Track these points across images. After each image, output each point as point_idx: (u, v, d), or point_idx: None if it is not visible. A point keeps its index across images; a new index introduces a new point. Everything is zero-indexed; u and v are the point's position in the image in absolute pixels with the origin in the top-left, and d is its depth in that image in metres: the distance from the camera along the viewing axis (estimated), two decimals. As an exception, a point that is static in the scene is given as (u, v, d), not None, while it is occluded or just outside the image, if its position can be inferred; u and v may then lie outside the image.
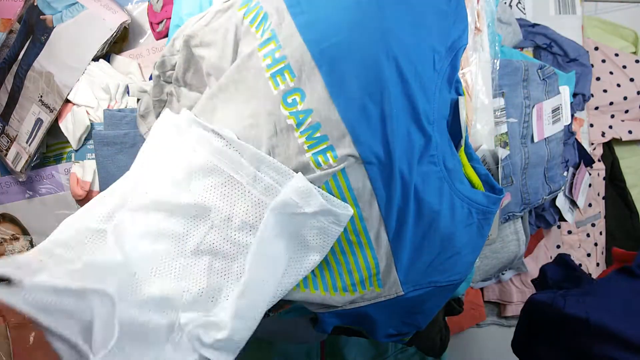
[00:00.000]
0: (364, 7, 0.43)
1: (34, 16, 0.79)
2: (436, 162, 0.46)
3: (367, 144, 0.44)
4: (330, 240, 0.46)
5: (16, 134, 0.80)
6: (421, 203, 0.46)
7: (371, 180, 0.46)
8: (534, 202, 0.73)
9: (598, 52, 0.94)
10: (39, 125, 0.78)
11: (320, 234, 0.46)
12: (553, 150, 0.74)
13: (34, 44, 0.79)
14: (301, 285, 0.50)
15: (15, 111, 0.81)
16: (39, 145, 0.78)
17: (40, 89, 0.78)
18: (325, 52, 0.44)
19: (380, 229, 0.47)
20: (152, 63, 0.77)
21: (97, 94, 0.73)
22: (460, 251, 0.49)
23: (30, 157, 0.78)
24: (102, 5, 0.76)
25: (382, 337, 0.56)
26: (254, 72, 0.48)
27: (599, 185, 0.96)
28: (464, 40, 0.47)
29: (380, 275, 0.49)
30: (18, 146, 0.80)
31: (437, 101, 0.45)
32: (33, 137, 0.78)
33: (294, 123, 0.45)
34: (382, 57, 0.43)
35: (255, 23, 0.49)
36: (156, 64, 0.60)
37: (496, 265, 0.76)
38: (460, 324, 0.96)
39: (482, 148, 0.62)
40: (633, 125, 0.96)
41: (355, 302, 0.50)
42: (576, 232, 0.96)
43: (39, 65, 0.78)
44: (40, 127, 0.77)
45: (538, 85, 0.71)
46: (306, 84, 0.45)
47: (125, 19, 0.75)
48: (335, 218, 0.45)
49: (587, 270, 0.96)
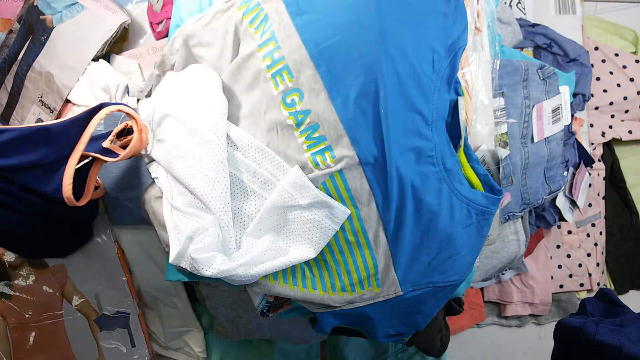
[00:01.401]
0: (362, 7, 0.43)
1: (33, 16, 0.79)
2: (435, 162, 0.46)
3: (365, 144, 0.44)
4: (325, 236, 0.47)
5: (17, 134, 0.81)
6: (420, 203, 0.46)
7: (369, 181, 0.46)
8: (534, 202, 0.73)
9: (598, 52, 0.94)
10: None
11: (314, 229, 0.46)
12: (553, 150, 0.74)
13: (34, 44, 0.79)
14: (300, 285, 0.50)
15: (16, 111, 0.82)
16: None
17: (41, 89, 0.78)
18: (323, 52, 0.44)
19: (379, 229, 0.47)
20: (152, 63, 0.77)
21: (97, 93, 0.74)
22: (459, 252, 0.49)
23: None
24: (102, 5, 0.76)
25: (381, 338, 0.56)
26: (253, 72, 0.48)
27: (599, 185, 0.96)
28: (463, 41, 0.47)
29: (378, 275, 0.49)
30: (18, 146, 0.80)
31: (435, 102, 0.45)
32: None
33: (293, 123, 0.46)
34: (380, 57, 0.43)
35: (255, 24, 0.49)
36: (156, 63, 0.60)
37: (496, 265, 0.76)
38: (460, 324, 0.96)
39: (482, 148, 0.62)
40: (633, 125, 0.96)
41: (354, 302, 0.50)
42: (576, 232, 0.96)
43: (39, 65, 0.78)
44: None
45: (538, 85, 0.71)
46: (304, 84, 0.45)
47: (125, 19, 0.75)
48: (330, 212, 0.46)
49: (587, 270, 0.96)
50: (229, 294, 0.71)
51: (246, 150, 0.47)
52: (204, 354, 0.83)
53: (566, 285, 0.97)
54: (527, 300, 0.94)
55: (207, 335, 0.84)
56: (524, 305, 0.95)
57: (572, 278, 0.97)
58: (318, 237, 0.47)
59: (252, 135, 0.47)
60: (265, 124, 0.47)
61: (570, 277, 0.97)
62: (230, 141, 0.47)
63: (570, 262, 0.96)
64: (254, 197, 0.47)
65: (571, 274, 0.97)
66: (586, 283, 0.97)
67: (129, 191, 0.72)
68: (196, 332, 0.83)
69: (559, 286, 0.97)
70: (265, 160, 0.47)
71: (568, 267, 0.96)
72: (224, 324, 0.74)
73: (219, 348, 0.84)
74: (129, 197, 0.72)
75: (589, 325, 0.54)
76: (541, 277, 0.94)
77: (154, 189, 0.54)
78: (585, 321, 0.55)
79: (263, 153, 0.47)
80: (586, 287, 0.97)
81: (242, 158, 0.47)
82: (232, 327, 0.74)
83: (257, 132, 0.47)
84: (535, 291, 0.94)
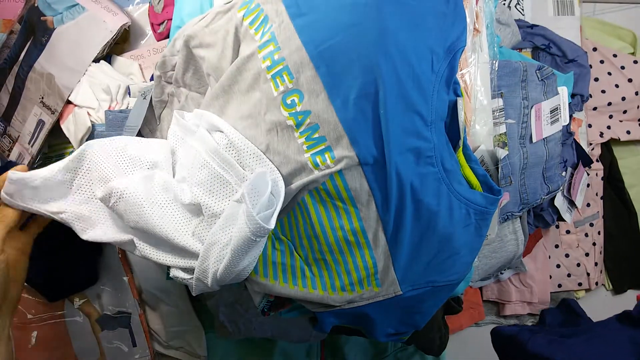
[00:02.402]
0: (362, 8, 0.43)
1: (34, 17, 0.79)
2: (434, 163, 0.46)
3: (364, 145, 0.45)
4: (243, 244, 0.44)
5: (18, 134, 0.81)
6: (419, 204, 0.46)
7: (368, 181, 0.46)
8: (533, 202, 0.73)
9: (596, 52, 0.94)
10: (41, 127, 0.78)
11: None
12: (551, 151, 0.74)
13: (35, 45, 0.79)
14: (300, 285, 0.50)
15: (17, 112, 0.82)
16: (41, 146, 0.78)
17: (42, 90, 0.78)
18: (323, 53, 0.44)
19: (378, 229, 0.48)
20: (153, 64, 0.78)
21: (98, 95, 0.74)
22: (458, 251, 0.49)
23: (33, 158, 0.78)
24: (102, 7, 0.76)
25: (380, 337, 0.56)
26: (253, 73, 0.48)
27: (597, 185, 0.96)
28: (462, 42, 0.47)
29: (378, 275, 0.49)
30: (20, 147, 0.80)
31: (434, 102, 0.45)
32: (35, 139, 0.78)
33: (293, 124, 0.46)
34: (380, 58, 0.43)
35: (255, 25, 0.49)
36: (157, 64, 0.60)
37: (495, 265, 0.77)
38: (459, 323, 0.96)
39: (481, 149, 0.62)
40: (631, 126, 0.96)
41: (354, 302, 0.51)
42: (574, 231, 0.97)
43: (39, 66, 0.78)
44: (42, 129, 0.78)
45: (537, 85, 0.71)
46: (304, 85, 0.45)
47: (125, 21, 0.75)
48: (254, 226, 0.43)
49: (585, 270, 0.97)
50: (229, 293, 0.71)
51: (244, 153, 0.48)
52: (204, 353, 0.84)
53: (564, 285, 0.97)
54: (526, 300, 0.95)
55: (207, 334, 0.84)
56: (522, 304, 0.96)
57: (570, 277, 0.97)
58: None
59: (252, 137, 0.48)
60: (265, 125, 0.47)
61: (568, 277, 0.97)
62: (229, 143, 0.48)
63: (569, 262, 0.97)
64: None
65: (569, 274, 0.97)
66: (584, 282, 0.97)
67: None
68: (197, 331, 0.83)
69: (558, 286, 0.97)
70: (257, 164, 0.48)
71: (566, 267, 0.97)
72: (225, 323, 0.74)
73: (220, 347, 0.84)
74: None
75: (522, 335, 0.52)
76: (540, 276, 0.94)
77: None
78: (519, 330, 0.53)
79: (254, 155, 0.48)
80: (584, 287, 0.98)
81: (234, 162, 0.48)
82: (233, 326, 0.74)
83: (256, 133, 0.48)
84: (533, 290, 0.94)
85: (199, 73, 0.57)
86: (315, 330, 0.58)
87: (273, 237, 0.50)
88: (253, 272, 0.49)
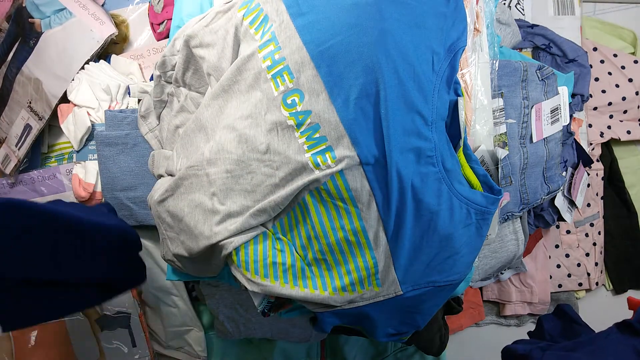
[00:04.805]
0: (363, 8, 0.43)
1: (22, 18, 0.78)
2: (435, 163, 0.46)
3: (365, 145, 0.45)
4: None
5: (5, 136, 0.80)
6: (420, 203, 0.46)
7: (369, 181, 0.46)
8: (533, 202, 0.73)
9: (597, 52, 0.94)
10: (28, 131, 0.77)
11: None
12: (552, 151, 0.74)
13: (23, 47, 0.78)
14: (301, 285, 0.50)
15: (5, 113, 0.81)
16: (28, 150, 0.77)
17: (29, 94, 0.77)
18: (324, 53, 0.44)
19: (379, 229, 0.48)
20: (152, 64, 0.78)
21: (98, 94, 0.74)
22: (458, 251, 0.49)
23: (20, 161, 0.78)
24: (89, 14, 0.75)
25: (381, 337, 0.56)
26: (254, 72, 0.48)
27: (597, 185, 0.96)
28: (463, 42, 0.47)
29: (378, 275, 0.49)
30: (7, 148, 0.80)
31: (435, 102, 0.45)
32: (22, 142, 0.78)
33: (294, 124, 0.46)
34: (380, 58, 0.43)
35: (255, 24, 0.49)
36: (157, 64, 0.60)
37: (495, 265, 0.77)
38: (459, 323, 0.96)
39: (481, 149, 0.62)
40: (631, 126, 0.96)
41: (354, 302, 0.51)
42: (575, 231, 0.97)
43: (27, 70, 0.77)
44: (29, 134, 0.77)
45: (537, 85, 0.71)
46: (305, 85, 0.45)
47: (112, 32, 0.75)
48: None
49: (585, 270, 0.97)
50: (229, 293, 0.71)
51: None
52: (204, 353, 0.84)
53: (565, 285, 0.97)
54: (526, 300, 0.95)
55: (207, 334, 0.84)
56: (522, 304, 0.96)
57: (570, 278, 0.97)
58: None
59: (252, 136, 0.48)
60: (266, 125, 0.47)
61: (569, 277, 0.97)
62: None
63: (569, 262, 0.97)
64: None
65: (570, 274, 0.97)
66: (585, 283, 0.97)
67: (129, 191, 0.72)
68: (197, 331, 0.83)
69: (558, 286, 0.97)
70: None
71: (567, 267, 0.97)
72: (225, 323, 0.74)
73: (220, 347, 0.84)
74: (130, 197, 0.72)
75: (534, 354, 0.52)
76: (540, 276, 0.94)
77: (156, 192, 0.55)
78: (531, 349, 0.53)
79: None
80: (585, 287, 0.98)
81: None
82: (233, 327, 0.74)
83: (257, 132, 0.48)
84: (534, 290, 0.94)
85: (199, 73, 0.57)
86: (315, 330, 0.57)
87: (273, 237, 0.50)
88: (254, 273, 0.49)
